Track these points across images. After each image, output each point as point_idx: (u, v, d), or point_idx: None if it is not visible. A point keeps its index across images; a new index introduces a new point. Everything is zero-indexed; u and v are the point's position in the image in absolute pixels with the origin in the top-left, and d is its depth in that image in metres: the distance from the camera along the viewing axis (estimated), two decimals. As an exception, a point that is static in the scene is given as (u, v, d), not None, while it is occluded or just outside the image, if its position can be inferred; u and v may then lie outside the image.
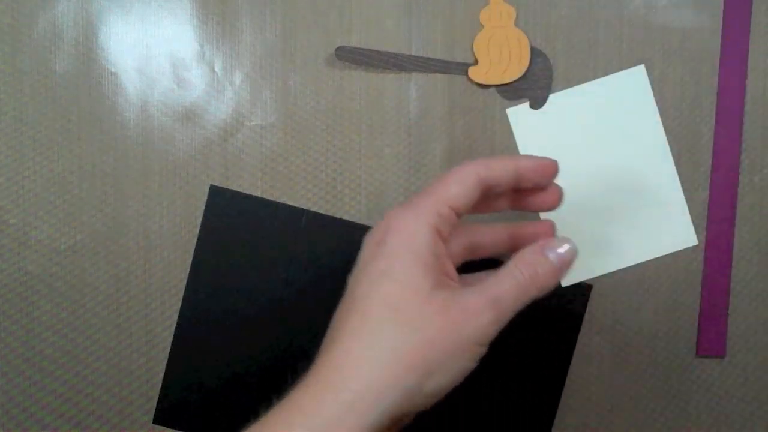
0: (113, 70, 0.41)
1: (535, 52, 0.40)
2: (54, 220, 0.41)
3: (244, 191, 0.41)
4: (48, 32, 0.40)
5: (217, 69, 0.41)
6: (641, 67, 0.41)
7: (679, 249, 0.41)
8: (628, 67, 0.41)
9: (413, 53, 0.41)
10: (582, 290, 0.41)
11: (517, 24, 0.40)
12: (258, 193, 0.41)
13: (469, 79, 0.40)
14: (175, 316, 0.41)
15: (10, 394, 0.41)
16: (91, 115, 0.41)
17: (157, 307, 0.41)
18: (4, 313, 0.41)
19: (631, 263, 0.41)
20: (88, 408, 0.41)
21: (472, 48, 0.40)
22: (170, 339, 0.41)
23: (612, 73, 0.41)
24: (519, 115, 0.41)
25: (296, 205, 0.41)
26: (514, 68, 0.40)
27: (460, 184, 0.31)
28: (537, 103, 0.40)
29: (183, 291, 0.41)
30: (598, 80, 0.41)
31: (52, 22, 0.40)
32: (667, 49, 0.41)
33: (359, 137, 0.41)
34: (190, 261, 0.41)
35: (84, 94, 0.41)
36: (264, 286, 0.41)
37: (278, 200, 0.41)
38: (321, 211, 0.41)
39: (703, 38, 0.41)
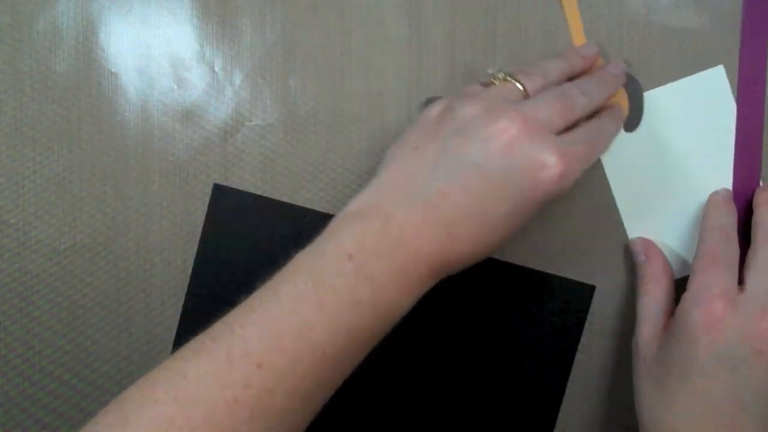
0: (113, 70, 0.41)
1: (630, 80, 0.40)
2: (54, 220, 0.41)
3: (245, 191, 0.41)
4: (48, 32, 0.40)
5: (217, 69, 0.41)
6: (720, 68, 0.40)
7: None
8: (628, 68, 0.41)
9: (413, 53, 0.41)
10: (585, 291, 0.41)
11: (517, 25, 0.40)
12: (258, 194, 0.41)
13: None
14: (176, 316, 0.41)
15: (10, 395, 0.41)
16: (91, 115, 0.41)
17: (157, 307, 0.41)
18: (4, 313, 0.41)
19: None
20: (88, 408, 0.41)
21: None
22: (170, 339, 0.41)
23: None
24: None
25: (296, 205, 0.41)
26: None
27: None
28: (631, 126, 0.40)
29: (183, 291, 0.41)
30: (677, 82, 0.40)
31: (52, 22, 0.40)
32: (667, 49, 0.41)
33: (359, 137, 0.41)
34: (190, 261, 0.41)
35: (84, 94, 0.41)
36: None
37: (278, 200, 0.41)
38: (322, 212, 0.41)
39: (703, 38, 0.41)
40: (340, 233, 0.33)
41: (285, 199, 0.41)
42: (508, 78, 0.35)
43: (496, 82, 0.36)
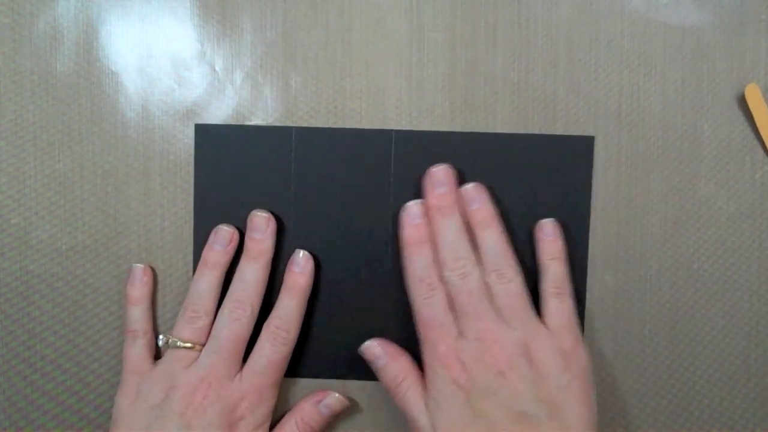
0: (114, 69, 0.41)
1: None
2: (55, 220, 0.41)
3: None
4: (48, 32, 0.41)
5: (217, 68, 0.41)
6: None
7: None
8: (629, 65, 0.41)
9: (413, 52, 0.41)
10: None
11: (517, 23, 0.40)
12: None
13: None
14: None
15: (8, 393, 0.41)
16: (91, 114, 0.41)
17: (157, 307, 0.41)
18: (5, 313, 0.41)
19: None
20: (83, 411, 0.41)
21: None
22: (171, 339, 0.41)
23: (612, 70, 0.41)
24: None
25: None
26: None
27: None
28: None
29: (184, 290, 0.41)
30: None
31: (52, 22, 0.40)
32: (667, 46, 0.41)
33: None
34: (191, 261, 0.41)
35: (84, 94, 0.41)
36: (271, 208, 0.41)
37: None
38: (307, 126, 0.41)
39: (704, 36, 0.41)
40: None
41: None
42: (171, 343, 0.39)
43: (167, 349, 0.39)
